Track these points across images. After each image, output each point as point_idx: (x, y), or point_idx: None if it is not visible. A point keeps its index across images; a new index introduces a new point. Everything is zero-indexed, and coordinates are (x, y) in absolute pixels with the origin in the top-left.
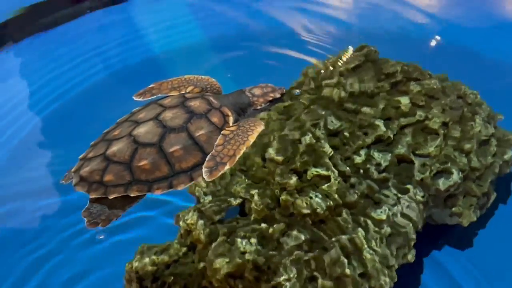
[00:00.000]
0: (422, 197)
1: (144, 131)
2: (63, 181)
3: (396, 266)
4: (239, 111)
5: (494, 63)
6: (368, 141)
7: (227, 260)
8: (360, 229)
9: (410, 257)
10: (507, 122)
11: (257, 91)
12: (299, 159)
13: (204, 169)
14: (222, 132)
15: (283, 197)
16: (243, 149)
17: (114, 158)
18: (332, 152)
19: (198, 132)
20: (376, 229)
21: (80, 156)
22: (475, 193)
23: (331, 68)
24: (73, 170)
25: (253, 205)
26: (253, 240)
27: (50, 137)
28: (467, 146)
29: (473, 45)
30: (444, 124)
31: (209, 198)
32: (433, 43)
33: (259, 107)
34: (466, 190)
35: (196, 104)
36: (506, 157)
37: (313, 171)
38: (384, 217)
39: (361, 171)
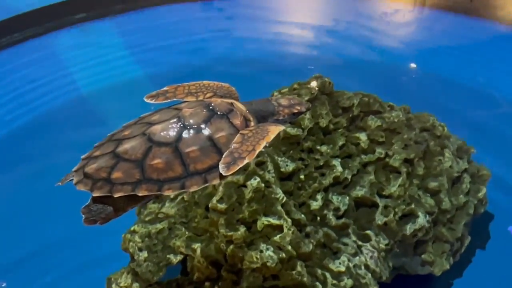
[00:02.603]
0: (386, 244)
1: (161, 129)
2: (61, 183)
3: None
4: (260, 119)
5: (470, 92)
6: (325, 183)
7: None
8: (317, 283)
9: None
10: (482, 155)
11: (283, 102)
12: (246, 207)
13: (221, 165)
14: (240, 132)
15: (229, 251)
16: (263, 144)
17: (125, 155)
18: (285, 198)
19: (218, 134)
20: (335, 282)
21: (83, 156)
22: (447, 238)
23: None
24: (74, 169)
25: (195, 262)
26: None
27: None
28: (433, 184)
29: (447, 73)
30: (407, 161)
31: (145, 254)
32: (409, 69)
33: (281, 118)
34: (437, 235)
35: (217, 104)
36: (480, 195)
37: (263, 220)
38: (343, 268)
39: (318, 218)
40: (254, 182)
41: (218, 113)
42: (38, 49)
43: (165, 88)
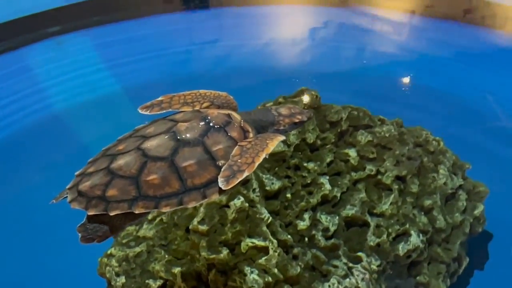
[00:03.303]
0: (378, 265)
1: (156, 144)
2: (54, 201)
3: None
4: (259, 129)
5: (465, 104)
6: (313, 202)
7: None
8: None
9: None
10: (477, 171)
11: (284, 111)
12: (229, 228)
13: (220, 179)
14: (238, 144)
15: (211, 275)
16: (263, 156)
17: (119, 172)
18: (271, 218)
19: (215, 147)
20: None
21: (77, 173)
22: (443, 258)
23: None
24: (68, 186)
25: (176, 287)
26: None
27: None
28: (427, 202)
29: (442, 84)
30: (400, 178)
31: (123, 279)
32: (404, 82)
33: (281, 128)
34: (432, 256)
35: (214, 116)
36: (477, 212)
37: (247, 242)
38: None
39: (306, 238)
40: (238, 201)
41: (215, 126)
42: (10, 64)
43: (160, 98)
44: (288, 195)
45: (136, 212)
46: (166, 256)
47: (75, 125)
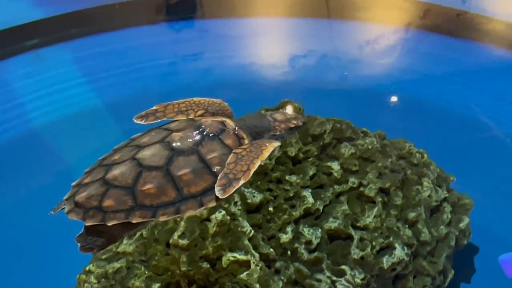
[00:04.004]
0: (362, 279)
1: (150, 153)
2: (52, 212)
3: None
4: (255, 135)
5: (454, 117)
6: (295, 215)
7: None
8: None
9: None
10: (467, 184)
11: (279, 117)
12: (210, 242)
13: (216, 188)
14: (233, 151)
15: None
16: (258, 163)
17: (115, 182)
18: (253, 232)
19: (210, 155)
20: None
21: (73, 183)
22: (428, 271)
23: None
24: (65, 197)
25: None
26: None
27: None
28: (411, 215)
29: (429, 97)
30: (383, 191)
31: None
32: (389, 94)
33: (277, 133)
34: (417, 269)
35: (208, 124)
36: (462, 225)
37: (229, 256)
38: None
39: (289, 252)
40: (219, 215)
41: (209, 134)
42: None
43: (154, 108)
44: (270, 209)
45: (134, 221)
46: (146, 272)
47: (54, 140)
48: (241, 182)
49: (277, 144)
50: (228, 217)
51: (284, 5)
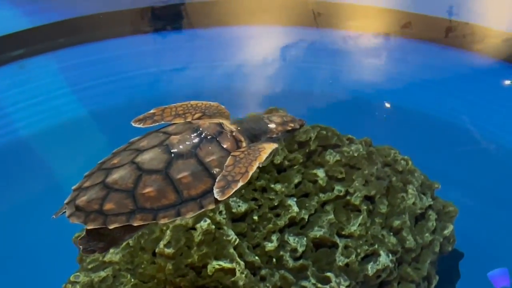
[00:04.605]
0: (347, 286)
1: (149, 157)
2: (54, 216)
3: None
4: (252, 138)
5: (437, 125)
6: (280, 224)
7: None
8: None
9: None
10: (452, 192)
11: (276, 119)
12: (196, 251)
13: (215, 190)
14: (231, 154)
15: None
16: (256, 165)
17: (115, 186)
18: (238, 240)
19: (208, 158)
20: None
21: (74, 187)
22: (413, 278)
23: None
24: (66, 201)
25: None
26: None
27: None
28: (396, 222)
29: (416, 106)
30: (368, 198)
31: None
32: (375, 102)
33: (274, 136)
34: (402, 275)
35: (206, 127)
36: (446, 232)
37: (214, 264)
38: None
39: (274, 260)
40: (204, 224)
41: (207, 137)
42: None
43: (152, 111)
44: (255, 218)
45: (135, 224)
46: (132, 280)
47: (41, 151)
48: (240, 184)
49: (275, 146)
50: (213, 226)
51: (270, 13)
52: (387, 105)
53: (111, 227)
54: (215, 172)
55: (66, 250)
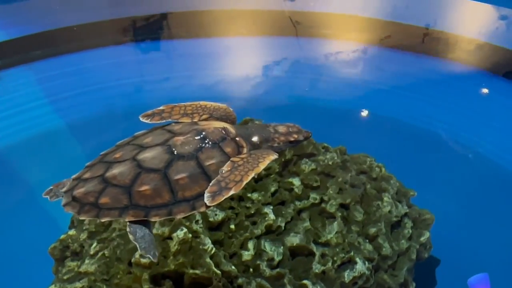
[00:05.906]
0: None
1: (151, 156)
2: (48, 197)
3: None
4: (255, 145)
5: (414, 133)
6: (257, 232)
7: None
8: None
9: None
10: (424, 198)
11: (281, 129)
12: (172, 260)
13: (206, 194)
14: (231, 159)
15: None
16: (252, 175)
17: (113, 181)
18: (214, 249)
19: (208, 162)
20: None
21: (74, 176)
22: (389, 285)
23: None
24: (64, 189)
25: None
26: None
27: None
28: (372, 230)
29: (394, 113)
30: (343, 206)
31: None
32: (354, 114)
33: (275, 145)
34: (378, 282)
35: (210, 131)
36: (423, 239)
37: (191, 274)
38: None
39: (251, 269)
40: (181, 233)
41: (210, 141)
42: None
43: (161, 108)
44: (232, 226)
45: (126, 220)
46: None
47: (17, 162)
48: (231, 192)
49: (274, 157)
50: (190, 235)
51: (249, 24)
52: (364, 113)
53: (103, 220)
54: (212, 176)
55: (42, 260)
